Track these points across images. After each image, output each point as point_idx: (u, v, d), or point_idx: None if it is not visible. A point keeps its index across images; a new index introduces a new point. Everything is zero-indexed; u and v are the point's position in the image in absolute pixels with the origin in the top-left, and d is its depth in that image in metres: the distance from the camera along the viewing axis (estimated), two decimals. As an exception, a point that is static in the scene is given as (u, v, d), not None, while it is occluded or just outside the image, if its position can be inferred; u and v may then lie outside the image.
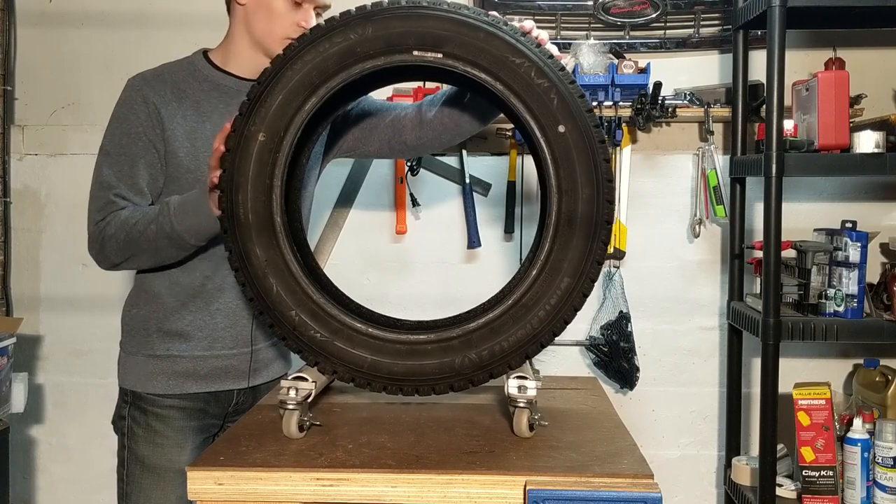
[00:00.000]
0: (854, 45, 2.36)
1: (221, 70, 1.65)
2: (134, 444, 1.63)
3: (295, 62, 1.25)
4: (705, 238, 2.45)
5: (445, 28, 1.23)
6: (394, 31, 1.23)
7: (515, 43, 1.24)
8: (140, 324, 1.66)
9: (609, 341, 2.38)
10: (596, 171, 1.24)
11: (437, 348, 1.27)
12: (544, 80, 1.23)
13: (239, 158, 1.26)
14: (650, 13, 2.40)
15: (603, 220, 1.25)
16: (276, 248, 1.26)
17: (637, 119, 2.26)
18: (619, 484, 1.12)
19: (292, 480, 1.16)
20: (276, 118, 1.26)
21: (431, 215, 2.48)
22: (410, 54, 1.24)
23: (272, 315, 1.27)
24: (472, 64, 1.24)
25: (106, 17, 2.51)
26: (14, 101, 2.54)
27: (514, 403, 1.30)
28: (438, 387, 1.29)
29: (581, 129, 1.23)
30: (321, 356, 1.28)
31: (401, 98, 2.24)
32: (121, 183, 1.56)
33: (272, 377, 1.74)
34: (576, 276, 1.25)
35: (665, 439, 2.48)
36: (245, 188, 1.26)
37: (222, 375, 1.66)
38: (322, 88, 1.26)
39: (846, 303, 2.06)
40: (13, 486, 2.45)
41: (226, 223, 1.28)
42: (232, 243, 1.27)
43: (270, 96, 1.26)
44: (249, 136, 1.26)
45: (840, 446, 2.06)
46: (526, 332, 1.26)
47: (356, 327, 1.27)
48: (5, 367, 2.26)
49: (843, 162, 2.07)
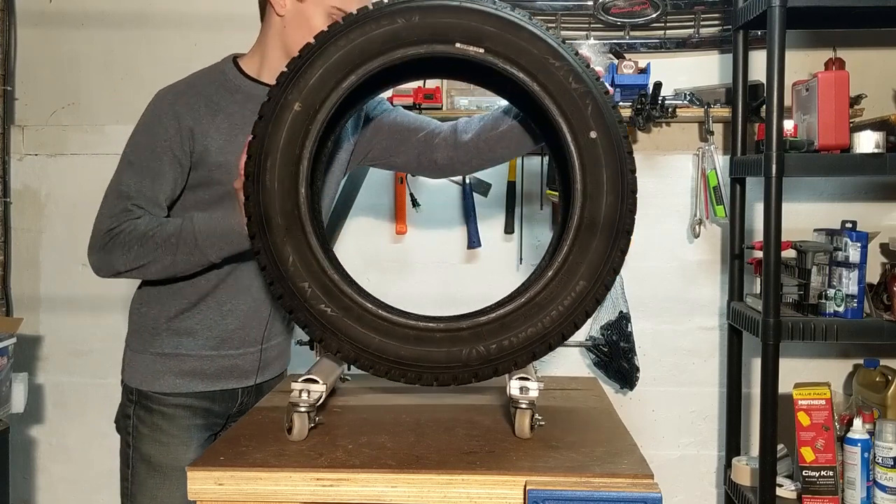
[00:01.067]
0: (854, 45, 2.36)
1: (253, 80, 1.63)
2: (139, 443, 1.62)
3: (339, 39, 1.26)
4: (705, 238, 2.45)
5: (491, 24, 1.25)
6: (440, 20, 1.25)
7: (557, 47, 1.25)
8: (150, 322, 1.65)
9: (609, 341, 2.38)
10: (622, 180, 1.25)
11: (446, 337, 1.26)
12: (581, 86, 1.25)
13: (272, 126, 1.26)
14: (650, 13, 2.40)
15: (624, 230, 1.25)
16: (297, 220, 1.26)
17: (637, 119, 2.26)
18: (619, 484, 1.12)
19: (292, 480, 1.16)
20: (313, 90, 1.26)
21: (431, 215, 2.48)
22: (453, 46, 1.25)
23: (284, 285, 1.26)
24: (511, 62, 1.25)
25: (106, 17, 2.51)
26: (14, 102, 2.54)
27: (515, 404, 1.30)
28: (443, 376, 1.28)
29: (612, 137, 1.25)
30: (328, 332, 1.27)
31: (401, 98, 2.24)
32: (140, 195, 1.54)
33: (273, 374, 1.75)
34: (591, 281, 1.25)
35: (665, 439, 2.48)
36: (274, 155, 1.26)
37: (228, 374, 1.66)
38: (362, 68, 1.26)
39: (846, 303, 2.06)
40: (13, 486, 2.45)
41: (249, 188, 1.27)
42: (253, 209, 1.27)
43: (311, 69, 1.26)
44: (285, 104, 1.26)
45: (840, 446, 2.06)
46: (536, 331, 1.26)
47: (367, 307, 1.26)
48: (5, 367, 2.26)
49: (843, 162, 2.07)
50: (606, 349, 2.38)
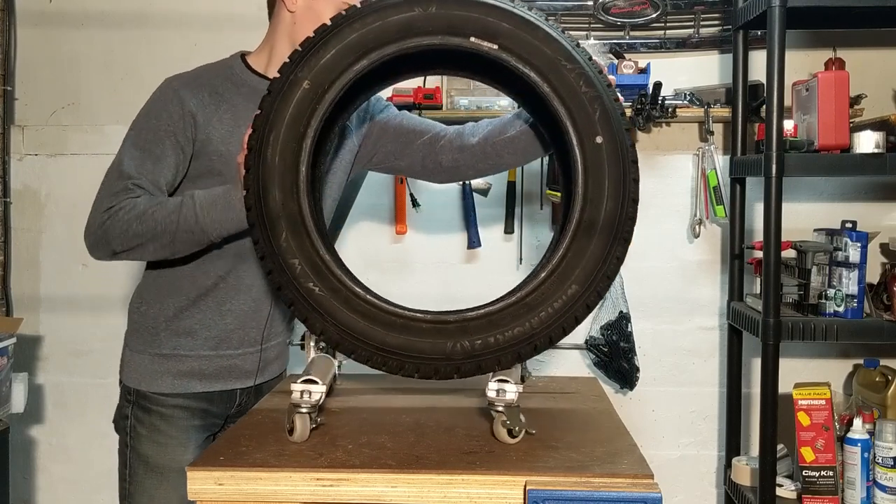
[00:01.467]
0: (854, 45, 2.36)
1: (261, 75, 1.63)
2: (137, 444, 1.62)
3: (355, 22, 1.25)
4: (705, 238, 2.45)
5: (507, 21, 1.24)
6: (456, 13, 1.24)
7: (571, 49, 1.25)
8: (150, 321, 1.64)
9: (609, 341, 2.38)
10: (623, 187, 1.24)
11: (432, 329, 1.25)
12: (591, 90, 1.24)
13: (279, 101, 1.25)
14: (650, 13, 2.40)
15: (621, 237, 1.25)
16: (294, 196, 1.25)
17: (637, 119, 2.26)
18: (618, 484, 1.12)
19: (292, 480, 1.16)
20: (324, 70, 1.25)
21: (431, 215, 2.48)
22: (468, 40, 1.25)
23: (275, 261, 1.25)
24: (524, 61, 1.25)
25: (106, 17, 2.51)
26: (14, 102, 2.54)
27: (492, 407, 1.28)
28: (424, 367, 1.26)
29: (617, 144, 1.24)
30: (314, 312, 1.26)
31: (401, 98, 2.24)
32: (142, 175, 1.53)
33: (273, 375, 1.75)
34: (584, 286, 1.24)
35: (665, 439, 2.48)
36: (279, 130, 1.25)
37: (226, 375, 1.66)
38: (375, 53, 1.25)
39: (846, 303, 2.06)
40: (13, 486, 2.45)
41: (251, 160, 1.26)
42: (252, 182, 1.26)
43: (324, 48, 1.25)
44: (295, 81, 1.25)
45: (840, 446, 2.06)
46: (523, 331, 1.25)
47: (355, 291, 1.25)
48: (5, 367, 2.26)
49: (843, 162, 2.07)
50: (606, 349, 2.39)
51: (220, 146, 1.57)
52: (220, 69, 1.64)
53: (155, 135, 1.55)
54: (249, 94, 1.60)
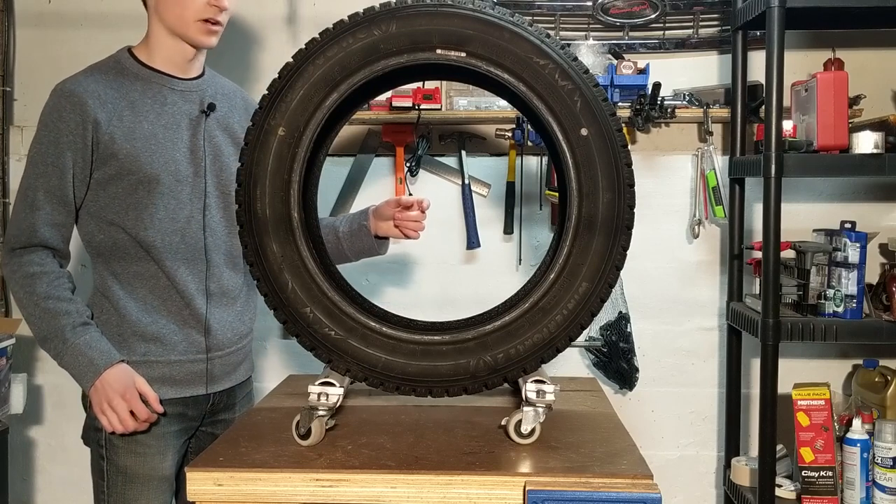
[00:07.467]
0: (853, 46, 2.36)
1: (148, 67, 1.63)
2: (114, 456, 1.58)
3: (317, 57, 1.24)
4: (704, 239, 2.45)
5: (470, 27, 1.23)
6: (418, 28, 1.23)
7: (540, 44, 1.23)
8: (114, 329, 1.60)
9: (608, 342, 2.38)
10: (618, 175, 1.24)
11: (453, 350, 1.26)
12: (568, 83, 1.23)
13: (258, 152, 1.25)
14: (649, 14, 2.40)
15: (623, 225, 1.25)
16: (292, 244, 1.26)
17: (636, 120, 2.26)
18: (618, 484, 1.12)
19: (291, 481, 1.16)
20: (296, 113, 1.25)
21: (431, 215, 2.47)
22: (434, 53, 1.24)
23: (286, 311, 1.27)
24: (495, 64, 1.24)
25: (106, 17, 2.50)
26: (13, 102, 2.54)
27: (531, 404, 1.29)
28: (452, 388, 1.28)
29: (604, 133, 1.23)
30: (335, 354, 1.27)
31: (400, 99, 2.24)
32: (48, 201, 1.54)
33: (240, 380, 1.75)
34: (594, 281, 1.24)
35: (664, 440, 2.48)
36: (263, 183, 1.25)
37: (197, 380, 1.64)
38: (344, 84, 1.25)
39: (845, 303, 2.06)
40: (12, 487, 2.45)
41: (242, 217, 1.27)
42: (248, 238, 1.27)
43: (291, 91, 1.25)
44: (269, 130, 1.25)
45: (839, 447, 2.06)
46: (542, 336, 1.26)
47: (371, 326, 1.27)
48: (4, 367, 2.26)
49: (842, 162, 2.07)
50: (606, 350, 2.38)
51: (124, 144, 1.55)
52: (110, 65, 1.63)
53: (56, 147, 1.55)
54: (143, 87, 1.61)
